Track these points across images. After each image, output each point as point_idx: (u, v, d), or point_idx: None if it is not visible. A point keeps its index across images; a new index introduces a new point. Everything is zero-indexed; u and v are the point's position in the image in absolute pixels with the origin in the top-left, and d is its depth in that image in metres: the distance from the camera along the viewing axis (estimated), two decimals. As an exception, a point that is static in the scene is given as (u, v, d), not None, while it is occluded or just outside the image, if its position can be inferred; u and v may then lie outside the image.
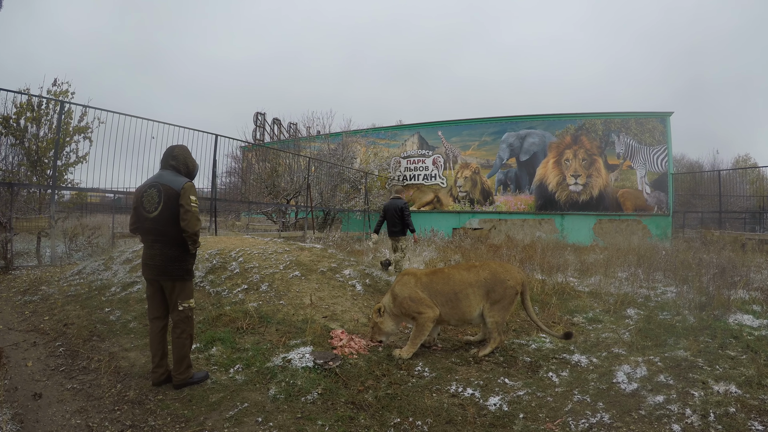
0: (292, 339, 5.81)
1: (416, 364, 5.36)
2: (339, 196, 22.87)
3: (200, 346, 5.54)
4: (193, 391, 4.43)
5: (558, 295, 9.02)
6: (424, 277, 5.95)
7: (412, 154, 27.96)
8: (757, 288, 8.99)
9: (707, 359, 5.48)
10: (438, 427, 3.89)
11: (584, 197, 24.11)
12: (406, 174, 27.98)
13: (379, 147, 28.46)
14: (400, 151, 28.31)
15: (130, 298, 7.46)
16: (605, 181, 23.88)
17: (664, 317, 7.46)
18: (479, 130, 26.51)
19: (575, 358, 5.66)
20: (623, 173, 23.76)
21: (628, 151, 23.70)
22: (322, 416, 3.99)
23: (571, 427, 3.92)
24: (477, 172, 26.27)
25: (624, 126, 23.84)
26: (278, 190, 20.45)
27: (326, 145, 25.16)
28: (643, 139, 23.54)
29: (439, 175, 27.17)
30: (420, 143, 27.84)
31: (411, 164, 27.94)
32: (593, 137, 24.24)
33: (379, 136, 29.09)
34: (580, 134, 24.44)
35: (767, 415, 4.03)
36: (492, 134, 26.19)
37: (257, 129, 34.70)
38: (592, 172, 24.08)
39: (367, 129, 29.76)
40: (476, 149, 26.45)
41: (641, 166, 23.52)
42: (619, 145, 23.83)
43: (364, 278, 8.65)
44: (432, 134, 27.58)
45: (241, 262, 8.49)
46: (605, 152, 24.05)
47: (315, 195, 20.94)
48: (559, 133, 24.84)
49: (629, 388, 4.71)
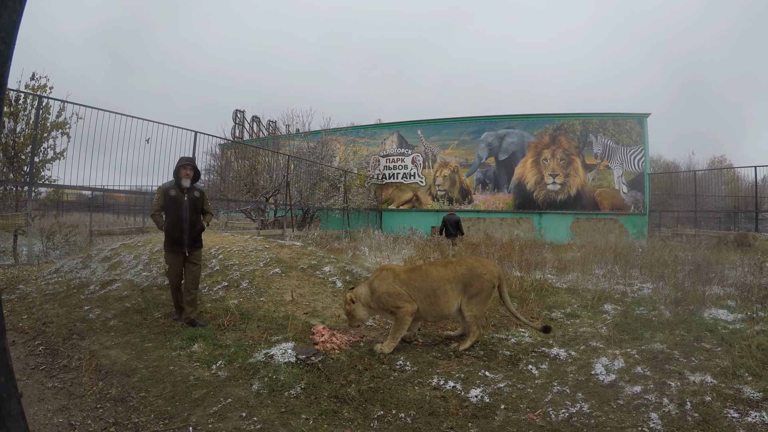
0: (274, 335, 5.82)
1: (398, 359, 5.38)
2: (318, 195, 22.80)
3: (182, 343, 5.51)
4: (175, 387, 4.41)
5: (536, 291, 9.10)
6: (402, 273, 5.97)
7: (392, 153, 28.01)
8: (731, 284, 9.17)
9: (683, 352, 5.58)
10: (421, 419, 3.91)
11: (562, 196, 24.37)
12: (385, 173, 28.03)
13: (358, 145, 28.47)
14: (379, 149, 28.35)
15: (109, 296, 7.38)
16: (583, 180, 24.17)
17: (641, 312, 7.58)
18: (458, 130, 26.64)
19: (554, 351, 5.71)
20: (600, 173, 24.07)
21: (605, 152, 24.02)
22: (306, 410, 3.99)
23: (551, 417, 3.98)
24: (456, 171, 26.40)
25: (602, 126, 24.15)
26: (257, 188, 20.35)
27: (305, 143, 25.06)
28: (621, 140, 23.88)
29: (418, 173, 27.25)
30: (399, 142, 27.90)
31: (390, 163, 27.99)
32: (571, 137, 24.52)
33: (359, 134, 29.11)
34: (559, 134, 24.70)
35: (742, 403, 4.14)
36: (471, 133, 26.35)
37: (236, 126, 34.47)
38: (569, 171, 24.34)
39: (347, 127, 29.74)
40: (455, 148, 26.58)
41: (618, 166, 23.84)
42: (596, 146, 24.14)
43: (344, 275, 8.67)
44: (411, 133, 27.65)
45: (221, 260, 8.46)
46: (583, 152, 24.34)
47: (294, 193, 20.88)
48: (537, 133, 25.07)
49: (607, 379, 4.79)
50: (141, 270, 8.41)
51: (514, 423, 3.88)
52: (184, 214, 6.28)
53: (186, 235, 6.29)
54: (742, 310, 7.43)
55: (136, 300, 7.17)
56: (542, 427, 3.82)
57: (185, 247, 6.30)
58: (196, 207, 6.43)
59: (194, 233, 6.37)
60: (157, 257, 8.77)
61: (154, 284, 7.83)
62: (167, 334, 5.87)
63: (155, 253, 8.98)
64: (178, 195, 6.30)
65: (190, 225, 6.30)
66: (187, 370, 4.84)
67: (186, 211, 6.29)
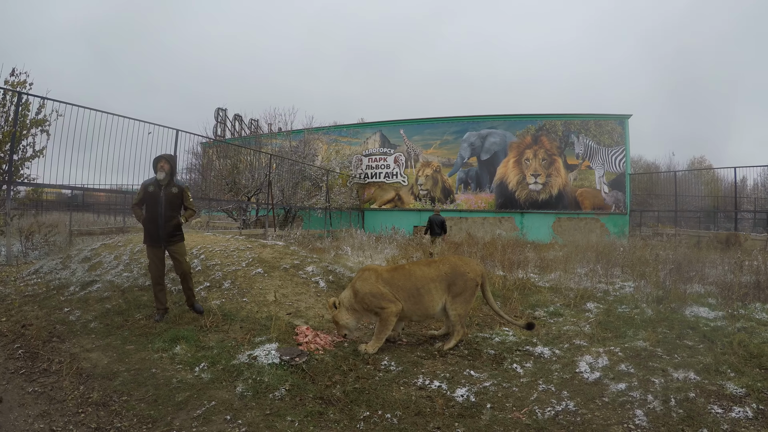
0: (257, 336, 5.76)
1: (382, 359, 5.36)
2: (300, 194, 22.68)
3: (164, 345, 5.44)
4: (158, 390, 4.34)
5: (519, 290, 9.13)
6: (385, 273, 5.94)
7: (374, 152, 27.98)
8: (712, 282, 9.28)
9: (666, 349, 5.64)
10: (407, 419, 3.90)
11: (544, 196, 24.52)
12: (368, 172, 27.99)
13: (340, 145, 28.41)
14: (361, 149, 28.31)
15: (90, 298, 7.27)
16: (564, 180, 24.34)
17: (623, 310, 7.64)
18: (441, 129, 26.70)
19: (538, 350, 5.74)
20: (582, 173, 24.26)
21: (587, 152, 24.22)
22: (291, 412, 3.96)
23: (537, 415, 3.99)
24: (438, 170, 26.44)
25: (583, 127, 24.34)
26: (239, 188, 20.20)
27: (288, 142, 24.93)
28: (602, 140, 24.09)
29: (401, 173, 27.25)
30: (382, 141, 27.88)
31: (372, 162, 27.95)
32: (553, 138, 24.68)
33: (341, 133, 29.06)
34: (541, 134, 24.85)
35: (726, 399, 4.19)
36: (453, 133, 26.41)
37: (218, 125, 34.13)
38: (551, 171, 24.50)
39: (329, 126, 29.68)
40: (438, 148, 26.62)
41: (600, 167, 24.05)
42: (578, 146, 24.33)
43: (327, 275, 8.63)
44: (394, 132, 27.65)
45: (202, 260, 8.38)
46: (565, 152, 24.51)
47: (276, 192, 20.74)
48: (519, 133, 25.20)
49: (592, 377, 4.83)
50: (122, 270, 8.30)
51: (501, 422, 3.88)
52: (160, 209, 6.40)
53: (161, 230, 6.40)
54: (723, 307, 7.54)
55: (117, 301, 7.07)
56: (529, 425, 3.83)
57: (161, 241, 6.42)
58: (173, 203, 6.53)
59: (169, 228, 6.46)
60: (138, 257, 8.66)
61: (135, 285, 7.73)
62: (149, 336, 5.78)
63: (136, 253, 8.87)
64: (156, 190, 6.44)
65: (164, 220, 6.41)
66: (170, 372, 4.77)
67: (161, 206, 6.41)
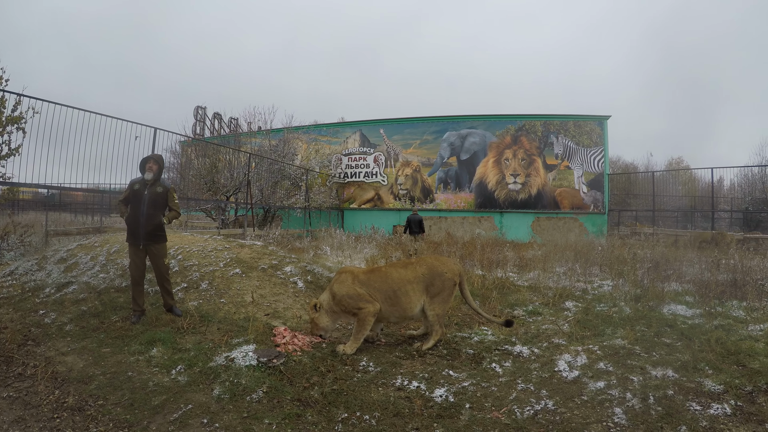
0: (235, 338, 5.70)
1: (361, 359, 5.34)
2: (279, 193, 22.53)
3: (140, 348, 5.35)
4: (134, 394, 4.26)
5: (498, 289, 9.16)
6: (361, 275, 5.94)
7: (354, 152, 27.92)
8: (689, 281, 9.37)
9: (644, 347, 5.68)
10: (386, 421, 3.87)
11: (523, 196, 24.65)
12: (347, 171, 27.92)
13: (320, 144, 28.29)
14: (341, 148, 28.23)
15: (65, 300, 7.12)
16: (543, 180, 24.49)
17: (602, 309, 7.69)
18: (421, 129, 26.72)
19: (517, 349, 5.75)
20: (561, 173, 24.43)
21: (566, 152, 24.41)
22: (269, 415, 3.92)
23: (516, 415, 3.98)
24: (418, 170, 26.47)
25: (563, 128, 24.53)
26: (218, 187, 20.02)
27: (267, 141, 24.71)
28: (581, 141, 24.30)
29: (380, 172, 27.22)
30: (362, 141, 27.83)
31: (352, 162, 27.89)
32: (533, 138, 24.83)
33: (321, 132, 28.94)
34: (520, 135, 24.98)
35: (704, 396, 4.23)
36: (433, 133, 26.44)
37: (197, 123, 33.81)
38: (530, 171, 24.64)
39: (309, 125, 29.55)
40: (417, 147, 26.64)
41: (578, 167, 24.25)
42: (557, 146, 24.50)
43: (306, 275, 8.57)
44: (374, 132, 27.61)
45: (180, 260, 8.28)
46: (544, 153, 24.67)
47: (255, 192, 20.59)
48: (499, 134, 25.31)
49: (571, 375, 4.84)
50: (98, 272, 8.15)
51: (480, 422, 3.87)
52: (142, 208, 6.39)
53: (142, 229, 6.36)
54: (700, 305, 7.61)
55: (93, 303, 6.93)
56: (508, 425, 3.82)
57: (141, 239, 6.37)
58: (156, 202, 6.52)
59: (150, 227, 6.42)
60: (114, 258, 8.51)
61: (111, 286, 7.59)
62: (125, 339, 5.68)
63: (113, 253, 8.72)
64: (140, 189, 6.46)
65: (146, 219, 6.38)
66: (146, 375, 4.69)
67: (144, 204, 6.40)
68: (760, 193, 26.73)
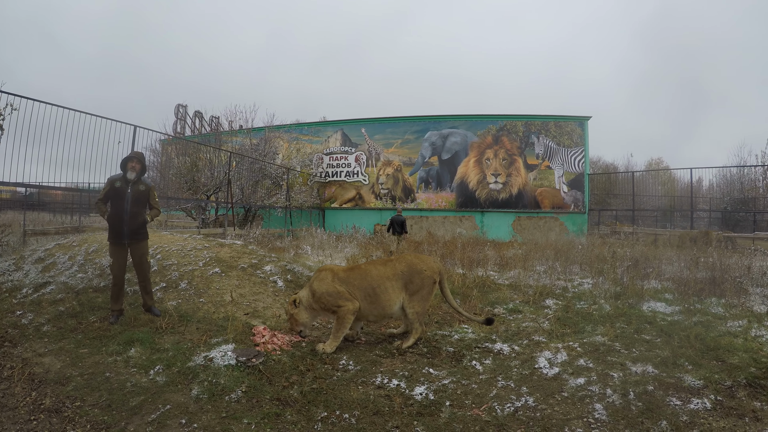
0: (214, 337, 5.65)
1: (340, 358, 5.32)
2: (260, 193, 22.37)
3: (118, 348, 5.27)
4: (112, 395, 4.20)
5: (479, 288, 9.19)
6: (341, 273, 5.93)
7: (335, 151, 27.86)
8: (668, 278, 9.47)
9: (624, 343, 5.71)
10: (365, 419, 3.85)
11: (504, 195, 24.79)
12: (329, 171, 27.86)
13: (301, 143, 28.19)
14: (323, 147, 28.16)
15: (43, 300, 7.00)
16: (524, 180, 24.65)
17: (582, 306, 7.74)
18: (402, 129, 26.74)
19: (497, 346, 5.76)
20: (542, 173, 24.61)
21: (546, 152, 24.60)
22: (248, 414, 3.89)
23: (497, 412, 3.98)
24: (399, 169, 26.48)
25: (544, 128, 24.73)
26: (198, 186, 19.84)
27: (248, 140, 24.56)
28: (562, 141, 24.51)
29: (362, 172, 27.19)
30: (343, 140, 27.78)
31: (333, 161, 27.82)
32: (514, 138, 24.98)
33: (303, 131, 28.84)
34: (501, 135, 25.12)
35: (684, 391, 4.25)
36: (415, 132, 26.48)
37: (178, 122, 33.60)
38: (511, 171, 24.78)
39: (291, 124, 29.41)
40: (399, 147, 26.66)
41: (559, 167, 24.45)
42: (538, 146, 24.69)
43: (286, 274, 8.53)
44: (355, 131, 27.57)
45: (159, 260, 8.19)
46: (525, 153, 24.84)
47: (236, 191, 20.43)
48: (480, 133, 25.42)
49: (551, 372, 4.85)
50: (76, 271, 8.03)
51: (460, 419, 3.86)
52: (126, 206, 6.34)
53: (126, 227, 6.32)
54: (679, 302, 7.69)
55: (71, 303, 6.82)
56: (488, 422, 3.81)
57: (125, 238, 6.33)
58: (140, 200, 6.51)
59: (134, 225, 6.40)
60: (93, 258, 8.39)
61: (89, 286, 7.48)
62: (103, 339, 5.60)
63: (91, 253, 8.60)
64: (123, 187, 6.38)
65: (130, 217, 6.34)
66: (124, 376, 4.62)
67: (128, 203, 6.36)
68: (738, 193, 27.15)
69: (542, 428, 3.70)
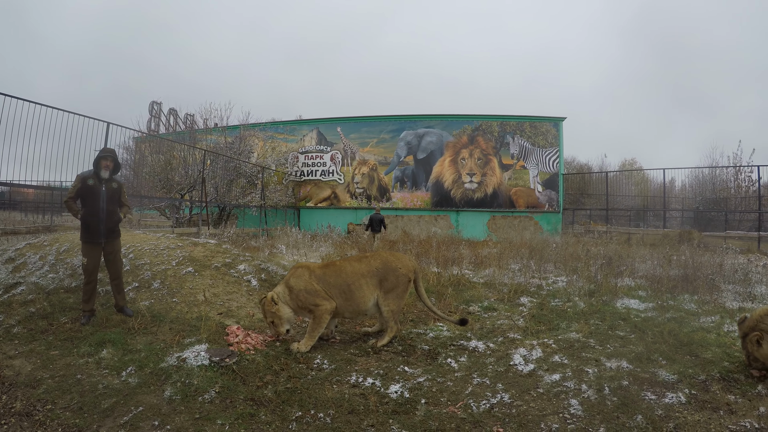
0: (187, 337, 5.57)
1: (315, 357, 5.28)
2: (235, 191, 22.19)
3: (90, 349, 5.18)
4: (84, 397, 4.12)
5: (454, 286, 9.22)
6: (317, 270, 5.89)
7: (311, 150, 27.73)
8: (641, 276, 9.59)
9: (598, 340, 5.77)
10: (340, 418, 3.84)
11: (479, 195, 24.93)
12: (304, 169, 27.72)
13: (277, 141, 27.98)
14: (298, 146, 28.02)
15: (13, 301, 6.82)
16: (499, 179, 24.82)
17: (556, 304, 7.81)
18: (378, 128, 26.73)
19: (472, 344, 5.78)
20: (517, 173, 24.83)
21: (521, 152, 24.83)
22: (221, 415, 3.85)
23: (472, 409, 3.98)
24: (375, 168, 26.47)
25: (519, 128, 24.95)
26: (172, 184, 19.60)
27: (223, 138, 24.32)
28: (537, 142, 24.77)
29: (337, 171, 27.11)
30: (319, 139, 27.67)
31: (309, 160, 27.70)
32: (489, 138, 25.14)
33: (278, 130, 28.63)
34: (477, 135, 25.26)
35: (658, 385, 4.30)
36: (390, 132, 26.50)
37: (152, 119, 33.16)
38: (486, 171, 24.93)
39: (266, 123, 29.15)
40: (375, 146, 26.65)
41: (534, 167, 24.70)
42: (513, 146, 24.89)
43: (260, 273, 8.47)
44: (331, 130, 27.48)
45: (131, 259, 8.05)
46: (500, 152, 25.02)
47: (210, 190, 20.21)
48: (456, 133, 25.52)
49: (526, 369, 4.88)
50: (47, 272, 7.85)
51: (436, 417, 3.86)
52: (101, 204, 6.25)
53: (103, 225, 6.24)
54: (653, 299, 7.80)
55: (42, 304, 6.65)
56: (464, 419, 3.81)
57: (102, 237, 6.25)
58: (114, 198, 6.43)
59: (111, 224, 6.34)
60: (64, 257, 8.22)
61: (60, 287, 7.32)
62: (74, 341, 5.49)
63: (62, 253, 8.42)
64: (96, 185, 6.26)
65: (107, 215, 6.27)
66: (96, 378, 4.53)
67: (103, 201, 6.27)
68: (710, 193, 27.68)
69: (518, 424, 3.72)
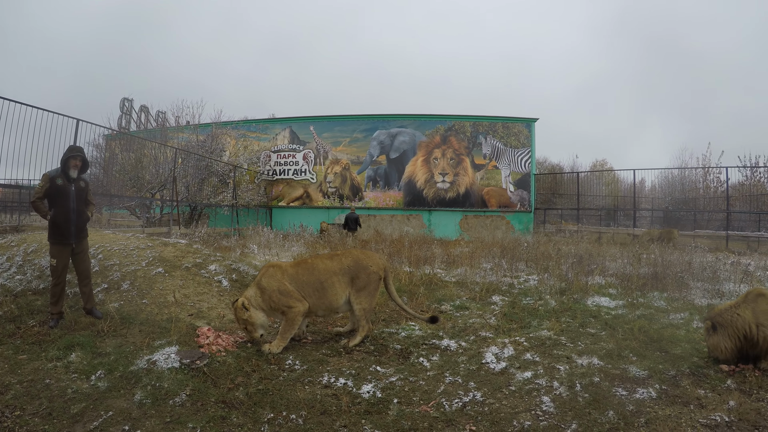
0: (157, 339, 5.47)
1: (287, 358, 5.25)
2: (206, 191, 21.94)
3: (58, 353, 5.05)
4: (52, 403, 4.02)
5: (426, 285, 9.22)
6: (289, 269, 5.86)
7: (283, 149, 27.57)
8: (612, 274, 9.73)
9: (570, 337, 5.83)
10: (313, 419, 3.82)
11: (451, 194, 25.06)
12: (276, 169, 27.55)
13: (249, 140, 27.74)
14: (270, 145, 27.83)
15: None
16: (472, 179, 24.98)
17: (528, 302, 7.87)
18: (351, 127, 26.69)
19: (444, 342, 5.80)
20: (489, 173, 25.01)
21: (494, 153, 25.03)
22: (192, 418, 3.79)
23: (445, 408, 3.99)
24: (347, 168, 26.43)
25: (491, 129, 25.13)
26: (142, 183, 19.28)
27: (195, 137, 24.03)
28: (509, 142, 25.00)
29: (310, 170, 27.00)
30: (291, 138, 27.52)
31: (281, 159, 27.53)
32: (462, 138, 25.28)
33: (251, 128, 28.42)
34: (449, 135, 25.38)
35: (629, 381, 4.37)
36: (363, 131, 26.48)
37: (123, 116, 32.59)
38: (459, 170, 25.06)
39: (239, 121, 28.90)
40: (347, 145, 26.61)
41: (506, 167, 24.91)
42: (485, 147, 25.07)
43: (231, 273, 8.37)
44: (304, 129, 27.36)
45: (100, 260, 7.89)
46: (472, 152, 25.18)
47: (181, 189, 19.95)
48: (429, 133, 25.61)
49: (498, 367, 4.91)
50: (14, 273, 7.65)
51: (408, 416, 3.86)
52: (71, 204, 6.11)
53: (73, 226, 6.11)
54: (623, 297, 7.93)
55: (9, 307, 6.47)
56: (436, 418, 3.82)
57: (72, 237, 6.10)
58: (82, 197, 6.30)
59: (81, 223, 6.23)
60: (32, 258, 8.02)
61: (28, 289, 7.14)
62: (42, 344, 5.35)
63: (30, 254, 8.22)
64: (65, 184, 6.11)
65: (77, 215, 6.15)
66: (65, 382, 4.42)
67: (73, 201, 6.14)
68: (679, 193, 28.27)
69: (491, 422, 3.73)
